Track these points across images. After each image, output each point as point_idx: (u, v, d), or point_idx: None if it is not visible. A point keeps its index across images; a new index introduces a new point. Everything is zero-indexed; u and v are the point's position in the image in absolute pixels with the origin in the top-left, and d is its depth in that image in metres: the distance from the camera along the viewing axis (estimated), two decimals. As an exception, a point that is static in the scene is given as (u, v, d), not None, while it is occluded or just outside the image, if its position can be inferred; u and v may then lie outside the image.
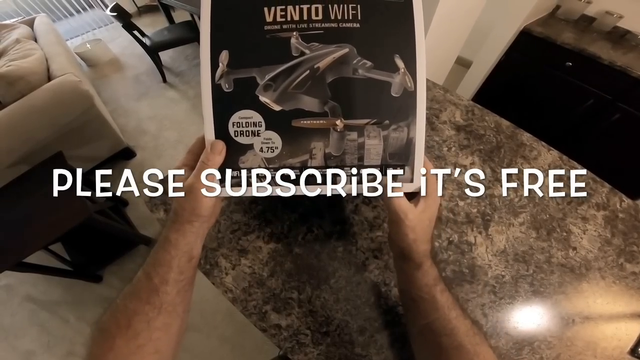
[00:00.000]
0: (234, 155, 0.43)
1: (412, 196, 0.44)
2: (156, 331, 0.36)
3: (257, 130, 0.42)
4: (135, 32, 2.81)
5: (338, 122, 0.42)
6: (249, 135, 0.42)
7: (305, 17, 0.42)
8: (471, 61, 2.24)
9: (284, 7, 0.42)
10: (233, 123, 0.42)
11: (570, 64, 1.73)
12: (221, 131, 0.42)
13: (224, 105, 0.42)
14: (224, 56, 0.42)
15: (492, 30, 1.98)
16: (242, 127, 0.42)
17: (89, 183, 1.79)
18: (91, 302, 1.82)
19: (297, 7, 0.42)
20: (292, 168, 0.43)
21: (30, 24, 2.87)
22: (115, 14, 2.65)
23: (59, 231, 1.37)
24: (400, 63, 0.42)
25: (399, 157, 0.43)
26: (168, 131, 2.70)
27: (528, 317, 0.52)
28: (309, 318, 0.53)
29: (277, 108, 0.41)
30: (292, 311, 0.53)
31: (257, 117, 0.42)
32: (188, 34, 3.00)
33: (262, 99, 0.41)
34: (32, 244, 1.35)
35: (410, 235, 0.40)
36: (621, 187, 0.66)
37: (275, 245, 0.59)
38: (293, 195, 0.44)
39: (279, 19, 0.42)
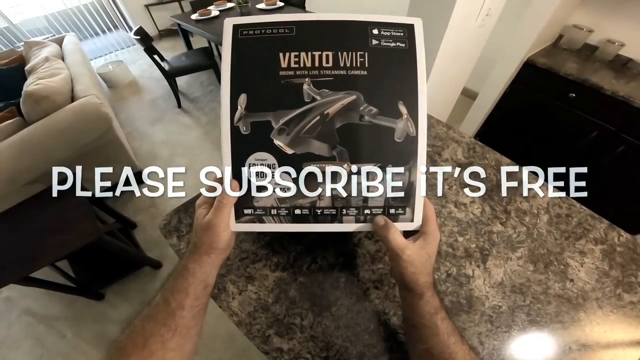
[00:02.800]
0: (249, 195, 0.46)
1: (413, 233, 0.47)
2: (170, 352, 0.39)
3: (272, 172, 0.46)
4: (156, 57, 2.91)
5: (345, 166, 0.45)
6: (263, 177, 0.46)
7: (316, 64, 0.45)
8: (477, 92, 2.26)
9: (297, 53, 0.45)
10: (249, 164, 0.46)
11: (574, 95, 1.73)
12: (238, 171, 0.46)
13: (242, 147, 0.45)
14: (242, 99, 0.45)
15: (497, 62, 2.01)
16: (258, 168, 0.46)
17: (100, 204, 1.84)
18: (91, 319, 1.82)
19: (309, 53, 0.45)
20: (302, 207, 0.47)
21: (60, 42, 2.99)
22: (138, 37, 2.76)
23: (68, 249, 1.39)
24: (403, 109, 0.45)
25: (400, 199, 0.47)
26: (179, 157, 2.76)
27: (524, 345, 0.53)
28: (310, 343, 0.54)
29: (289, 151, 0.45)
30: (294, 336, 0.55)
31: (271, 159, 0.45)
32: (205, 61, 3.09)
33: (277, 142, 0.45)
34: (40, 260, 1.37)
35: (410, 269, 0.43)
36: (624, 220, 0.67)
37: (281, 273, 0.62)
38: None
39: (292, 64, 0.45)
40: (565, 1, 1.65)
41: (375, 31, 0.46)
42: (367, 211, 0.47)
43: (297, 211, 0.47)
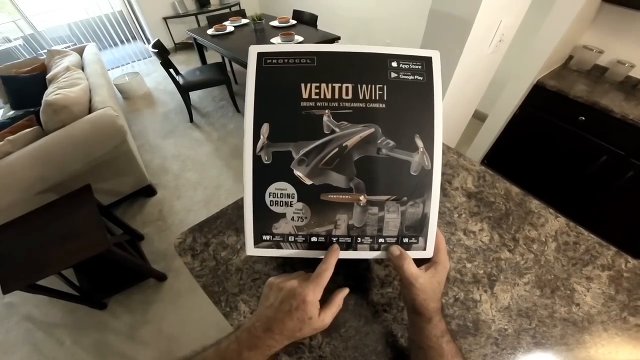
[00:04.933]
0: (269, 222, 0.48)
1: (424, 261, 0.49)
2: None
3: (290, 202, 0.47)
4: (171, 70, 2.96)
5: (362, 197, 0.47)
6: (282, 205, 0.47)
7: (336, 96, 0.46)
8: (487, 114, 2.27)
9: (318, 84, 0.46)
10: (270, 193, 0.47)
11: (583, 118, 1.72)
12: (259, 199, 0.47)
13: (263, 176, 0.47)
14: (265, 129, 0.46)
15: (507, 85, 2.01)
16: (277, 197, 0.47)
17: (110, 215, 1.87)
18: (91, 327, 1.83)
19: (330, 85, 0.46)
20: (318, 235, 0.48)
21: (81, 51, 3.08)
22: (156, 50, 2.81)
23: (76, 259, 1.41)
24: (419, 143, 0.46)
25: (414, 230, 0.48)
26: (189, 172, 2.78)
27: None
28: (319, 363, 0.55)
29: (308, 182, 0.47)
30: (302, 355, 0.56)
31: (290, 189, 0.47)
32: (218, 76, 3.14)
33: (296, 172, 0.47)
34: (48, 269, 1.40)
35: (421, 295, 0.45)
36: (633, 244, 0.67)
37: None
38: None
39: (313, 95, 0.46)
40: (575, 23, 1.66)
41: (394, 64, 0.47)
42: (381, 240, 0.49)
43: (314, 238, 0.49)
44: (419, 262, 0.48)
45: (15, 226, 1.58)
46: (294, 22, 3.36)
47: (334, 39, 2.95)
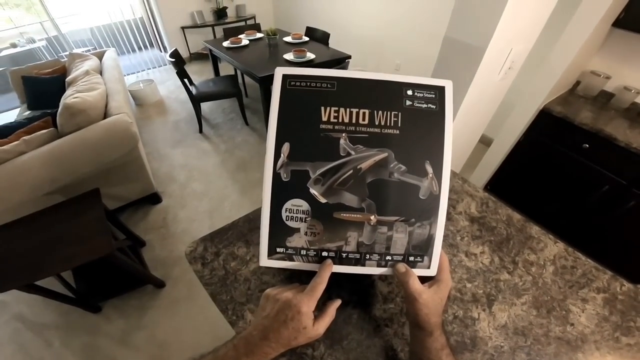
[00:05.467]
0: (283, 236, 0.52)
1: (428, 278, 0.52)
2: None
3: (305, 218, 0.50)
4: (185, 80, 3.01)
5: (372, 217, 0.50)
6: (297, 221, 0.51)
7: (354, 121, 0.49)
8: (492, 139, 2.28)
9: (337, 108, 0.49)
10: (286, 209, 0.50)
11: (587, 145, 1.73)
12: (275, 214, 0.51)
13: (281, 193, 0.50)
14: (286, 148, 0.49)
15: (514, 110, 2.03)
16: (293, 213, 0.50)
17: (114, 220, 1.89)
18: (83, 330, 1.81)
19: (348, 110, 0.49)
20: (329, 250, 0.51)
21: (100, 56, 3.15)
22: (173, 59, 2.86)
23: (77, 262, 1.42)
24: (429, 169, 0.49)
25: (420, 249, 0.52)
26: (195, 182, 2.81)
27: None
28: (320, 374, 0.57)
29: (323, 200, 0.50)
30: (305, 366, 0.58)
31: (305, 206, 0.50)
32: (230, 89, 3.19)
33: (312, 191, 0.50)
34: (48, 270, 1.40)
35: (424, 310, 0.48)
36: (629, 270, 0.69)
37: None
38: None
39: (332, 119, 0.49)
40: (584, 48, 1.68)
41: (409, 92, 0.50)
42: (388, 257, 0.52)
43: (325, 253, 0.52)
44: (422, 279, 0.51)
45: (21, 225, 1.59)
46: (307, 38, 3.44)
47: (344, 58, 3.01)
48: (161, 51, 5.26)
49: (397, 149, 0.50)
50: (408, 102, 0.50)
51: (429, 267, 0.52)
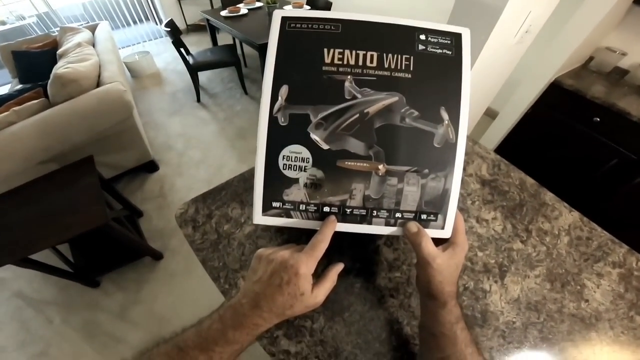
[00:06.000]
0: (280, 187, 0.46)
1: (441, 241, 0.46)
2: None
3: (305, 166, 0.45)
4: (182, 50, 2.97)
5: (380, 167, 0.44)
6: (296, 170, 0.45)
7: (360, 63, 0.45)
8: (497, 112, 2.24)
9: (341, 50, 0.45)
10: (283, 156, 0.45)
11: (598, 119, 1.70)
12: (271, 162, 0.45)
13: (278, 138, 0.45)
14: (284, 91, 0.45)
15: (523, 82, 1.98)
16: (291, 161, 0.45)
17: (110, 189, 1.86)
18: (82, 306, 1.82)
19: (354, 52, 0.45)
20: (331, 205, 0.46)
21: (93, 29, 3.11)
22: (169, 29, 2.82)
23: (72, 233, 1.39)
24: (445, 115, 0.44)
25: (433, 205, 0.46)
26: (193, 150, 2.78)
27: None
28: (319, 347, 0.53)
29: (325, 147, 0.44)
30: (303, 339, 0.54)
31: (306, 153, 0.45)
32: (229, 57, 3.15)
33: (313, 136, 0.44)
34: (43, 242, 1.37)
35: (437, 277, 0.42)
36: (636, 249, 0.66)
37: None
38: None
39: (336, 61, 0.45)
40: (602, 24, 1.62)
41: (422, 37, 0.45)
42: (398, 215, 0.46)
43: (326, 208, 0.46)
44: (435, 242, 0.45)
45: (14, 196, 1.56)
46: (308, 7, 3.32)
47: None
48: (157, 24, 5.14)
49: (409, 93, 0.45)
50: (421, 47, 0.45)
51: (443, 228, 0.47)
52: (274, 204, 0.47)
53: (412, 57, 0.45)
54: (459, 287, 0.48)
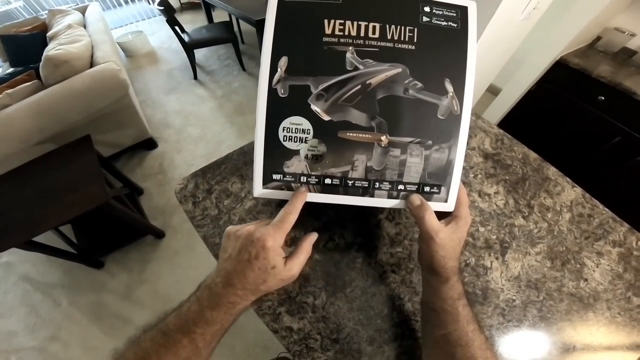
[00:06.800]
0: (280, 159, 0.45)
1: (444, 215, 0.46)
2: None
3: (305, 138, 0.44)
4: (176, 28, 2.92)
5: (383, 137, 0.43)
6: (296, 141, 0.44)
7: (362, 34, 0.43)
8: (500, 88, 2.22)
9: (342, 21, 0.43)
10: (283, 128, 0.44)
11: (603, 98, 1.69)
12: (271, 134, 0.44)
13: (277, 110, 0.44)
14: (283, 62, 0.43)
15: (527, 59, 1.96)
16: (292, 132, 0.44)
17: (109, 168, 1.85)
18: (88, 287, 1.83)
19: (355, 22, 0.43)
20: (333, 177, 0.45)
21: (83, 11, 3.05)
22: (162, 7, 2.76)
23: (73, 213, 1.38)
24: (449, 87, 0.44)
25: (437, 177, 0.45)
26: (191, 127, 2.77)
27: (532, 341, 0.54)
28: (321, 324, 0.54)
29: (326, 118, 0.43)
30: (305, 315, 0.55)
31: (306, 124, 0.44)
32: (225, 34, 3.10)
33: (314, 107, 0.43)
34: (45, 223, 1.37)
35: (440, 252, 0.42)
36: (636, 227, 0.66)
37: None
38: (325, 203, 0.46)
39: (337, 32, 0.43)
40: (611, 4, 1.60)
41: (427, 8, 0.44)
42: (400, 187, 0.46)
43: (328, 180, 0.45)
44: (438, 216, 0.45)
45: (12, 178, 1.55)
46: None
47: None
48: (149, 3, 4.97)
49: (412, 65, 0.44)
50: (425, 19, 0.44)
51: (446, 200, 0.46)
52: (275, 177, 0.46)
53: (415, 29, 0.44)
54: (461, 263, 0.48)
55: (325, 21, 0.44)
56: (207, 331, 0.37)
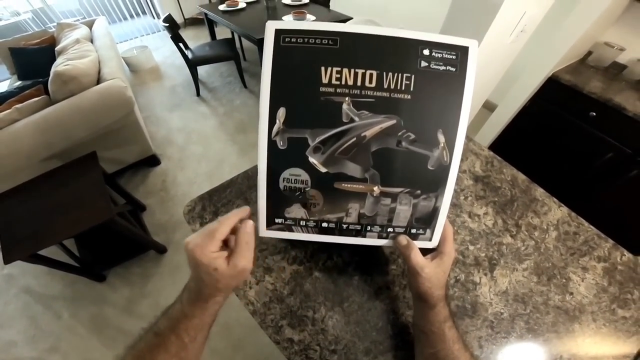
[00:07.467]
0: (282, 206, 0.49)
1: (430, 250, 0.51)
2: None
3: (304, 188, 0.47)
4: (180, 45, 2.96)
5: (375, 188, 0.47)
6: (296, 191, 0.48)
7: (359, 83, 0.43)
8: (496, 105, 2.25)
9: (340, 69, 0.43)
10: (284, 178, 0.47)
11: (594, 114, 1.71)
12: (273, 183, 0.48)
13: (278, 161, 0.46)
14: (281, 113, 0.44)
15: (521, 76, 1.99)
16: (291, 183, 0.47)
17: (113, 184, 1.88)
18: (89, 300, 1.83)
19: (352, 70, 0.43)
20: (329, 222, 0.49)
21: (90, 25, 3.10)
22: (167, 24, 2.81)
23: (79, 229, 1.41)
24: (441, 138, 0.45)
25: (423, 222, 0.50)
26: (194, 145, 2.79)
27: (519, 352, 0.56)
28: (320, 336, 0.57)
29: (323, 170, 0.46)
30: (305, 328, 0.58)
31: (305, 175, 0.47)
32: (227, 52, 3.14)
33: (311, 160, 0.46)
34: (50, 238, 1.39)
35: (426, 284, 0.47)
36: (629, 241, 0.69)
37: (297, 267, 0.65)
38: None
39: (334, 81, 0.43)
40: (599, 19, 1.64)
41: (426, 52, 0.43)
42: (390, 229, 0.50)
43: (324, 224, 0.50)
44: (424, 251, 0.50)
45: (19, 193, 1.58)
46: (307, 0, 3.32)
47: (346, 20, 2.91)
48: (154, 18, 5.08)
49: (406, 116, 0.44)
50: (423, 63, 0.44)
51: (430, 240, 0.51)
52: (277, 220, 0.50)
53: (413, 76, 0.44)
54: (448, 289, 0.52)
55: (322, 69, 0.43)
56: (189, 326, 0.41)
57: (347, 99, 0.44)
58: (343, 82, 0.43)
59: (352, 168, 0.46)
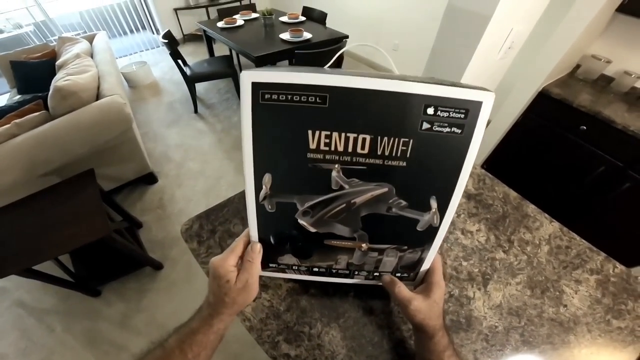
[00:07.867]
0: (275, 255, 0.52)
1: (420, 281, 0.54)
2: None
3: (295, 243, 0.50)
4: (179, 61, 2.99)
5: (364, 245, 0.49)
6: (287, 245, 0.50)
7: (350, 149, 0.39)
8: (489, 120, 2.27)
9: (329, 133, 0.38)
10: (275, 235, 0.49)
11: (585, 127, 1.72)
12: (264, 239, 0.49)
13: (267, 222, 0.47)
14: (267, 179, 0.42)
15: (512, 91, 2.02)
16: (282, 240, 0.49)
17: (110, 201, 1.88)
18: (83, 315, 1.81)
19: (343, 135, 0.38)
20: (319, 267, 0.53)
21: (91, 39, 3.11)
22: (166, 41, 2.84)
23: (75, 245, 1.41)
24: (434, 204, 0.43)
25: (408, 269, 0.52)
26: (192, 162, 2.79)
27: None
28: (317, 351, 0.57)
29: (312, 230, 0.47)
30: (301, 343, 0.58)
31: (295, 233, 0.48)
32: (225, 69, 3.16)
33: (301, 222, 0.46)
34: (46, 253, 1.39)
35: (419, 315, 0.48)
36: (622, 253, 0.70)
37: (294, 284, 0.65)
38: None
39: (322, 147, 0.39)
40: (585, 33, 1.67)
41: (430, 110, 0.36)
42: (376, 274, 0.54)
43: (315, 269, 0.53)
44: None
45: (16, 208, 1.58)
46: (304, 18, 3.39)
47: (342, 37, 2.97)
48: (153, 33, 5.15)
49: (400, 184, 0.41)
50: (425, 125, 0.37)
51: (414, 280, 0.54)
52: (271, 265, 0.53)
53: (411, 141, 0.38)
54: (445, 318, 0.52)
55: (310, 133, 0.38)
56: (193, 341, 0.44)
57: (336, 166, 0.40)
58: (332, 148, 0.39)
59: (341, 229, 0.47)
